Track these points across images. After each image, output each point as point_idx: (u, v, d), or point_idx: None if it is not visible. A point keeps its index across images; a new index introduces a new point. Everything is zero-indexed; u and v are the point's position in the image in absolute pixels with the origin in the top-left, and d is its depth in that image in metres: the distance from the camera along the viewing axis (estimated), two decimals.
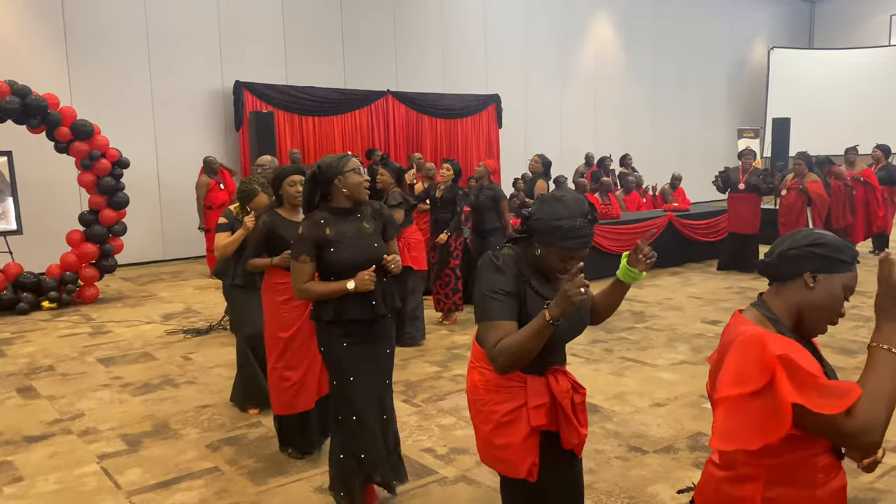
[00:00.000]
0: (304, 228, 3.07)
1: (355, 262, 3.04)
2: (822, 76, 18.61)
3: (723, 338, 1.73)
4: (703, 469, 1.81)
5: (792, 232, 1.77)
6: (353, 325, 3.09)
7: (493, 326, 2.09)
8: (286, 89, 11.59)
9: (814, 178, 8.90)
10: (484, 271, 2.17)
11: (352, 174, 3.09)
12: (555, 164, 14.19)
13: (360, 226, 3.13)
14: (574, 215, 2.10)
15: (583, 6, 15.67)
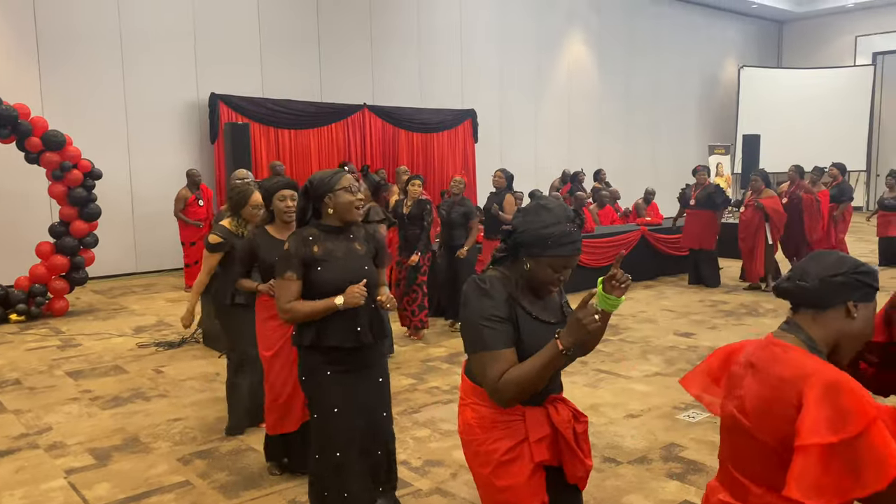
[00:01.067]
0: (290, 244, 2.87)
1: (343, 283, 2.84)
2: (791, 94, 19.02)
3: (762, 364, 1.63)
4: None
5: (818, 254, 1.69)
6: (336, 353, 2.87)
7: (492, 358, 1.93)
8: (262, 102, 11.56)
9: (770, 194, 9.05)
10: (471, 297, 2.00)
11: (342, 192, 2.87)
12: (530, 178, 14.38)
13: (351, 246, 2.93)
14: (561, 221, 1.98)
15: (557, 23, 15.87)
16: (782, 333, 1.68)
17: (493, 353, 1.93)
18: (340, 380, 2.88)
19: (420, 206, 6.66)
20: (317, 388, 2.90)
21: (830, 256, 1.67)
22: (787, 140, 17.64)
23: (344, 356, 2.89)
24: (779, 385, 1.55)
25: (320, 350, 2.87)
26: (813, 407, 1.46)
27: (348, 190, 2.88)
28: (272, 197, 3.62)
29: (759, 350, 1.68)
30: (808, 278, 1.64)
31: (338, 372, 2.88)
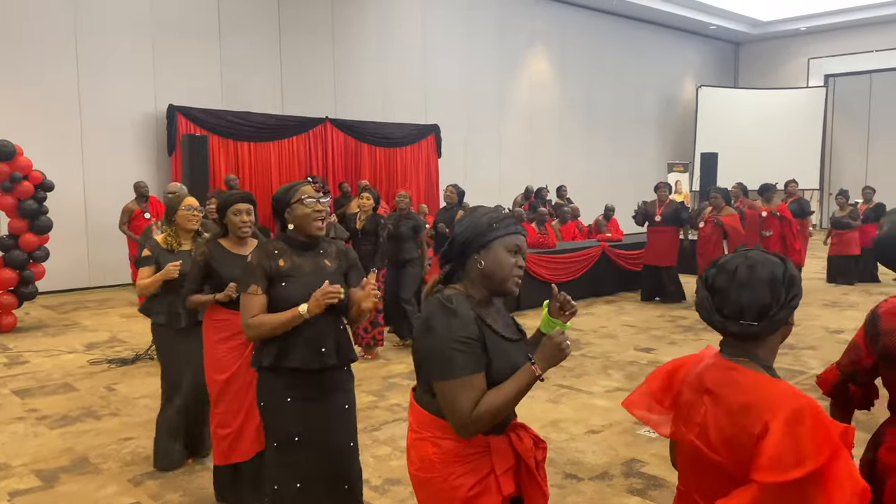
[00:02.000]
0: (255, 257, 2.73)
1: (306, 301, 2.66)
2: (747, 114, 19.49)
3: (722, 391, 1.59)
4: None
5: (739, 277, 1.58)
6: (298, 376, 2.67)
7: (464, 385, 1.77)
8: (221, 114, 11.41)
9: (730, 212, 9.23)
10: (437, 319, 1.83)
11: (298, 206, 2.72)
12: (493, 194, 14.43)
13: (320, 262, 2.77)
14: (496, 211, 1.97)
15: (520, 40, 16.03)
16: (738, 356, 1.62)
17: (465, 381, 1.77)
18: (302, 406, 2.67)
19: (374, 220, 6.56)
20: (276, 415, 2.69)
21: (757, 282, 1.56)
22: (744, 158, 18.05)
23: (306, 379, 2.69)
24: (743, 414, 1.52)
25: (281, 372, 2.67)
26: (774, 439, 1.44)
27: (304, 202, 2.72)
28: (227, 210, 3.43)
29: (714, 373, 1.62)
30: (748, 315, 1.55)
31: (299, 397, 2.67)
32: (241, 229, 3.45)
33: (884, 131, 19.72)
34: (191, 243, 3.96)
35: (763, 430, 1.46)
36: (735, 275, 1.57)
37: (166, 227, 4.02)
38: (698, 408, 1.63)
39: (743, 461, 1.50)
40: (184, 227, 3.95)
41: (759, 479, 1.44)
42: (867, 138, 20.15)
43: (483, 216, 1.93)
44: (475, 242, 1.91)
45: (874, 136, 19.99)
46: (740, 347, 1.61)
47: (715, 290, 1.60)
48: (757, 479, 1.44)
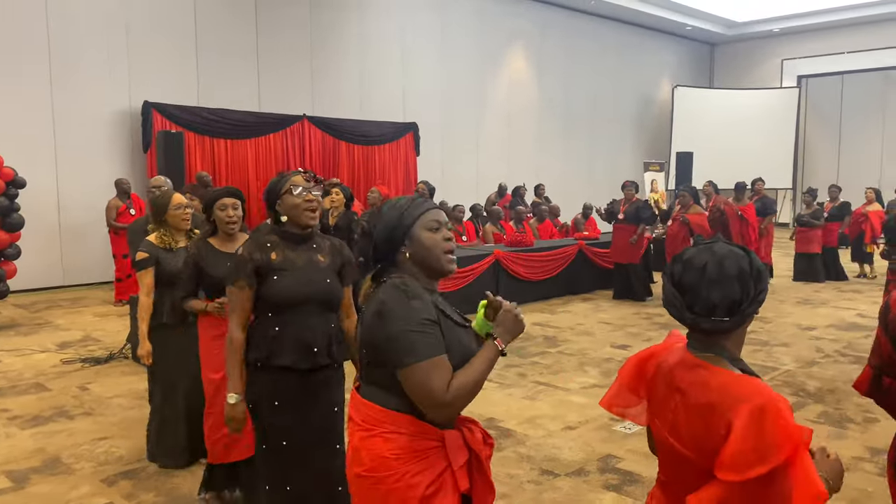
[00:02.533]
0: (246, 249, 2.64)
1: (301, 295, 2.61)
2: (722, 114, 19.71)
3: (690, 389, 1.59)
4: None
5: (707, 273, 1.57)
6: (288, 375, 2.60)
7: (435, 366, 1.72)
8: (198, 111, 11.30)
9: (698, 210, 9.32)
10: (395, 304, 1.77)
11: (287, 196, 2.65)
12: (472, 192, 14.46)
13: (313, 257, 2.69)
14: (401, 201, 1.93)
15: (498, 39, 16.06)
16: (704, 352, 1.62)
17: (434, 361, 1.72)
18: (291, 406, 2.60)
19: (347, 217, 6.49)
20: (264, 414, 2.61)
21: (727, 278, 1.55)
22: (719, 157, 18.24)
23: (297, 379, 2.61)
24: (708, 413, 1.53)
25: (270, 371, 2.59)
26: (736, 437, 1.45)
27: (292, 192, 2.64)
28: (213, 206, 3.33)
29: (683, 372, 1.63)
30: (719, 312, 1.55)
31: (288, 398, 2.60)
32: (227, 225, 3.35)
33: (854, 131, 20.05)
34: (186, 240, 3.88)
35: (727, 429, 1.47)
36: (704, 272, 1.56)
37: (156, 227, 3.92)
38: (669, 404, 1.65)
39: (709, 458, 1.51)
40: (176, 227, 3.89)
41: (721, 477, 1.46)
42: (839, 138, 20.48)
43: (392, 209, 1.91)
44: (395, 237, 1.87)
45: (845, 136, 20.32)
46: (708, 341, 1.61)
47: (684, 287, 1.59)
48: (720, 477, 1.46)
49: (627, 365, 1.85)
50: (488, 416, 4.94)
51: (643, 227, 9.49)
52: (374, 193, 6.97)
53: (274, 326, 2.59)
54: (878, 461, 4.21)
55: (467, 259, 8.61)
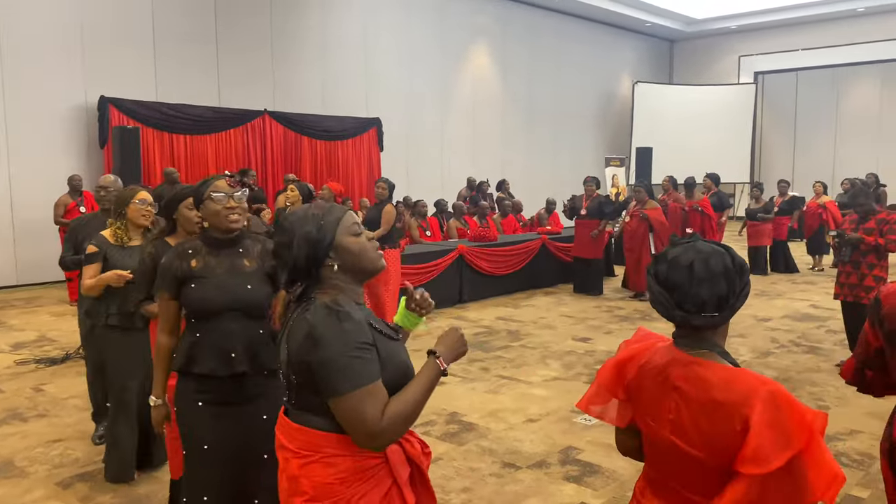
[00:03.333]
0: (166, 259, 2.61)
1: (217, 302, 2.53)
2: (681, 109, 20.01)
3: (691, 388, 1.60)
4: None
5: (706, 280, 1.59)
6: (210, 381, 2.52)
7: (369, 394, 1.63)
8: (156, 106, 11.10)
9: (654, 206, 9.45)
10: (328, 328, 1.65)
11: (209, 202, 2.57)
12: (437, 187, 14.47)
13: (237, 262, 2.61)
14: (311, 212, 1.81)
15: (462, 35, 16.07)
16: (696, 348, 1.64)
17: (369, 389, 1.63)
18: (214, 412, 2.52)
19: None
20: (187, 421, 2.55)
21: (714, 275, 1.59)
22: (678, 153, 18.53)
23: (219, 386, 2.53)
24: (717, 411, 1.54)
25: (192, 378, 2.54)
26: (757, 430, 1.47)
27: (214, 198, 2.56)
28: (178, 205, 3.18)
29: (678, 370, 1.63)
30: (709, 308, 1.59)
31: (211, 403, 2.52)
32: (195, 224, 3.10)
33: (809, 127, 20.52)
34: (141, 238, 3.69)
35: (744, 424, 1.49)
36: (692, 270, 1.59)
37: (114, 220, 3.73)
38: (667, 403, 1.64)
39: (721, 455, 1.53)
40: (135, 223, 3.71)
41: (746, 472, 1.47)
42: (794, 134, 20.95)
43: (304, 223, 1.77)
44: (319, 252, 1.75)
45: (800, 131, 20.79)
46: (696, 337, 1.64)
47: (671, 285, 1.61)
48: (744, 472, 1.48)
49: (606, 367, 1.84)
50: (451, 411, 4.97)
51: (605, 223, 9.59)
52: (324, 191, 6.87)
53: (195, 333, 2.55)
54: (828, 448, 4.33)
55: (431, 254, 8.62)
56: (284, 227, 1.78)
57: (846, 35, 19.07)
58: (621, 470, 3.99)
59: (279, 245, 1.78)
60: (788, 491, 1.47)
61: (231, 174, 2.69)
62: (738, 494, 1.48)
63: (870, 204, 5.78)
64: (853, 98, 19.81)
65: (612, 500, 3.64)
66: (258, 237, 2.76)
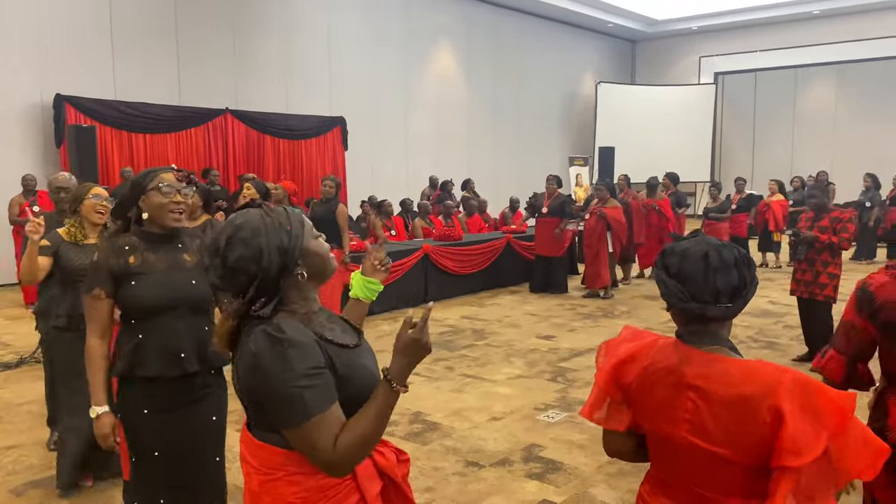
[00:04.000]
0: (101, 255, 2.43)
1: (164, 299, 2.42)
2: (643, 109, 20.27)
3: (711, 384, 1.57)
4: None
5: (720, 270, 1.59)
6: (156, 385, 2.41)
7: (320, 424, 1.52)
8: (114, 104, 10.89)
9: (614, 205, 9.54)
10: (271, 357, 1.52)
11: (154, 193, 2.44)
12: (402, 187, 14.45)
13: (177, 257, 2.50)
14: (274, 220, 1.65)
15: (426, 35, 16.05)
16: (710, 344, 1.63)
17: (318, 420, 1.52)
18: (161, 418, 2.42)
19: None
20: (133, 428, 2.44)
21: (728, 266, 1.60)
22: (640, 152, 18.76)
23: (166, 389, 2.42)
24: (744, 404, 1.51)
25: (137, 382, 2.42)
26: (792, 422, 1.44)
27: (161, 190, 2.43)
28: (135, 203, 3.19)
29: (696, 368, 1.60)
30: (724, 298, 1.59)
31: (158, 408, 2.42)
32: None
33: (767, 126, 20.94)
34: (97, 237, 3.55)
35: (774, 417, 1.46)
36: (707, 260, 1.59)
37: (69, 217, 3.62)
38: (683, 403, 1.61)
39: (748, 450, 1.51)
40: (90, 220, 3.57)
41: (789, 465, 1.44)
42: (753, 133, 21.36)
43: (275, 234, 1.62)
44: (290, 260, 1.62)
45: (759, 131, 21.20)
46: (704, 332, 1.63)
47: (685, 277, 1.60)
48: (788, 465, 1.44)
49: (603, 371, 1.81)
50: (415, 410, 4.96)
51: (566, 221, 9.64)
52: (278, 190, 6.74)
53: (137, 335, 2.41)
54: None
55: (397, 254, 8.60)
56: (244, 238, 1.60)
57: (803, 37, 19.51)
58: (583, 466, 4.03)
59: (242, 259, 1.59)
60: (831, 475, 1.46)
61: (179, 169, 2.55)
62: (788, 489, 1.44)
63: (823, 199, 5.90)
64: (809, 98, 20.27)
65: (574, 497, 3.68)
66: (194, 232, 2.66)
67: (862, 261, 12.23)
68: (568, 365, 6.14)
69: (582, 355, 6.43)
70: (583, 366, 6.06)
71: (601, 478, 3.90)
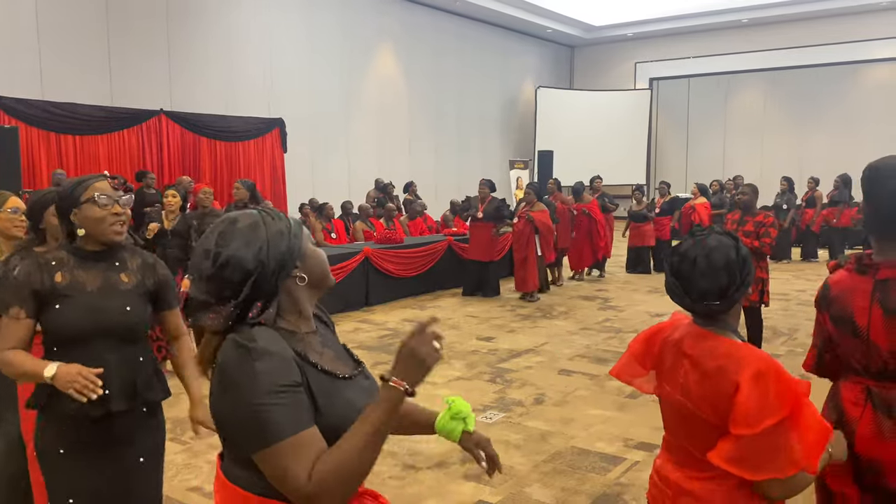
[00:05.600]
0: (21, 270, 2.16)
1: (90, 326, 2.15)
2: (581, 114, 20.68)
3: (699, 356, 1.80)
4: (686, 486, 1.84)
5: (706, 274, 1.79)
6: (76, 422, 2.15)
7: (294, 447, 1.30)
8: (41, 105, 10.49)
9: (542, 208, 9.65)
10: (238, 370, 1.33)
11: (89, 206, 2.18)
12: (343, 189, 14.36)
13: (112, 277, 2.23)
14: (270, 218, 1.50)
15: (366, 37, 15.99)
16: (710, 325, 1.85)
17: (293, 441, 1.30)
18: (81, 459, 2.17)
19: (185, 221, 6.17)
20: (48, 468, 2.19)
21: (715, 269, 1.78)
22: (578, 156, 19.12)
23: (87, 427, 2.16)
24: (717, 376, 1.75)
25: (55, 417, 2.17)
26: (744, 396, 1.66)
27: (96, 201, 2.18)
28: (44, 211, 2.79)
29: (691, 341, 1.86)
30: (710, 297, 1.79)
31: (77, 448, 2.16)
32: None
33: (700, 130, 21.61)
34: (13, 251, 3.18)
35: (734, 389, 1.69)
36: (695, 264, 1.80)
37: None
38: (679, 370, 1.86)
39: (722, 416, 1.72)
40: (7, 234, 3.20)
41: (735, 432, 1.67)
42: (686, 137, 22.01)
43: (277, 226, 1.47)
44: (289, 260, 1.45)
45: (692, 135, 21.86)
46: (710, 317, 1.85)
47: (681, 276, 1.83)
48: (734, 433, 1.67)
49: (637, 339, 2.07)
50: None
51: (502, 224, 9.66)
52: (208, 195, 6.49)
53: None
54: None
55: (337, 257, 8.54)
56: (241, 230, 1.43)
57: (733, 44, 20.22)
58: (519, 466, 4.09)
59: (238, 251, 1.40)
60: (774, 451, 1.66)
61: (113, 176, 2.31)
62: (727, 450, 1.68)
63: (753, 199, 6.04)
64: (740, 103, 20.99)
65: (510, 497, 3.73)
66: (135, 248, 2.39)
67: (779, 261, 12.63)
68: (507, 366, 6.21)
69: (520, 356, 6.52)
70: (521, 366, 6.14)
71: (536, 476, 3.97)
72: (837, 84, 19.03)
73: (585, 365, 6.23)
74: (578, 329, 7.65)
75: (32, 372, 2.06)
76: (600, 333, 7.40)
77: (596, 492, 3.81)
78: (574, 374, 5.98)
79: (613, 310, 8.68)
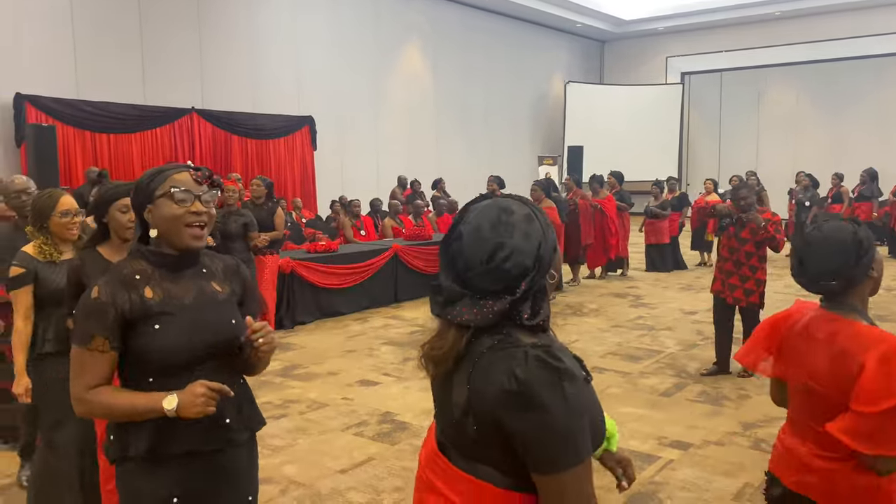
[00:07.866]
0: (103, 290, 1.75)
1: (197, 349, 1.80)
2: (611, 109, 20.47)
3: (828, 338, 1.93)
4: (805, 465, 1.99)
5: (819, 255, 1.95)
6: (189, 464, 1.79)
7: (584, 469, 1.30)
8: (77, 104, 10.68)
9: (549, 205, 9.51)
10: (549, 390, 1.27)
11: (164, 201, 1.79)
12: (372, 186, 14.40)
13: (205, 287, 1.87)
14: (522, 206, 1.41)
15: (394, 33, 16.01)
16: (837, 309, 1.97)
17: (585, 468, 1.31)
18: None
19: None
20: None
21: (827, 252, 1.94)
22: (608, 151, 18.92)
23: (200, 467, 1.81)
24: (843, 357, 1.87)
25: (161, 462, 1.77)
26: (869, 376, 1.78)
27: (173, 197, 1.79)
28: (109, 206, 2.74)
29: (819, 324, 1.98)
30: (825, 277, 1.94)
31: (190, 496, 1.80)
32: (129, 230, 2.70)
33: (733, 125, 21.28)
34: (73, 251, 3.15)
35: (859, 369, 1.80)
36: (811, 247, 1.97)
37: (37, 234, 3.16)
38: (808, 353, 1.99)
39: (846, 394, 1.83)
40: (61, 237, 3.15)
41: (856, 409, 1.79)
42: (719, 132, 21.68)
43: (548, 228, 1.39)
44: (553, 262, 1.39)
45: (724, 130, 21.53)
46: (837, 301, 1.98)
47: (799, 258, 2.00)
48: (855, 409, 1.80)
49: (763, 325, 2.20)
50: (385, 410, 4.95)
51: None
52: (233, 193, 6.51)
53: None
54: (749, 434, 4.50)
55: (366, 254, 8.57)
56: (516, 222, 1.34)
57: (766, 38, 19.86)
58: None
59: (521, 244, 1.32)
60: (892, 431, 1.77)
61: (197, 167, 1.88)
62: (846, 424, 1.81)
63: (751, 198, 5.76)
64: (773, 98, 20.62)
65: None
66: (210, 252, 1.99)
67: None
68: None
69: None
70: None
71: None
72: (873, 77, 18.61)
73: (617, 362, 6.16)
74: (610, 326, 7.56)
75: (145, 409, 1.72)
76: (633, 331, 7.31)
77: (630, 490, 3.73)
78: (606, 371, 5.91)
79: (646, 307, 8.58)
